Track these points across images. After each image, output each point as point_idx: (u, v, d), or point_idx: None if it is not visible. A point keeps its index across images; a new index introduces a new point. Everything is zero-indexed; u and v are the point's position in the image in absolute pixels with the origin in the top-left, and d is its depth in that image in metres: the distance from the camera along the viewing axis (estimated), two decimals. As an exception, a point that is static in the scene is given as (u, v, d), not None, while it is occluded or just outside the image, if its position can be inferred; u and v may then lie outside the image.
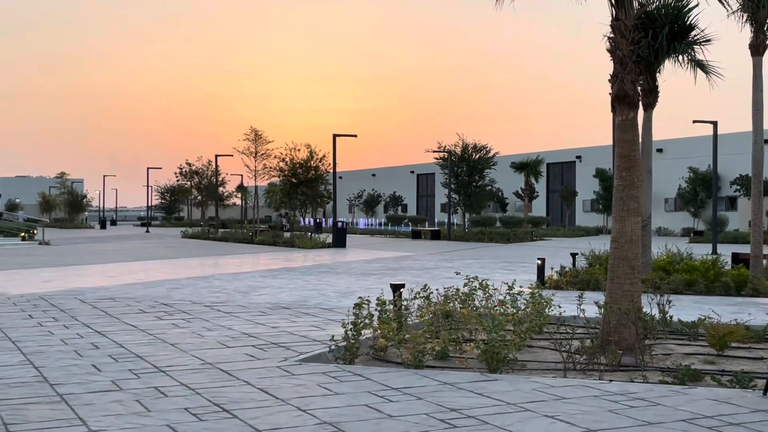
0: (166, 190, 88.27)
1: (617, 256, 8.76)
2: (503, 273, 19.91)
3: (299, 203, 41.05)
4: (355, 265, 23.55)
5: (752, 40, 16.65)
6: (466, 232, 46.40)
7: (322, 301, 13.60)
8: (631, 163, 8.96)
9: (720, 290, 14.92)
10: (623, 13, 9.01)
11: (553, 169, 70.77)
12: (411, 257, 27.76)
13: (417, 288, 10.66)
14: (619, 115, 9.11)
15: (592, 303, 10.17)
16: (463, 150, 48.53)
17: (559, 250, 31.49)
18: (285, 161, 39.81)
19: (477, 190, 49.12)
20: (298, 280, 17.82)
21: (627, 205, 8.87)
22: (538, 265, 16.59)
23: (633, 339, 8.05)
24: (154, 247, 36.37)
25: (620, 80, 9.07)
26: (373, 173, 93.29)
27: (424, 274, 19.48)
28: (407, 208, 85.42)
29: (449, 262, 24.56)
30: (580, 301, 9.10)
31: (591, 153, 65.31)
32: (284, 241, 37.28)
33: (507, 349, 7.57)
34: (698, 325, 9.43)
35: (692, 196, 55.59)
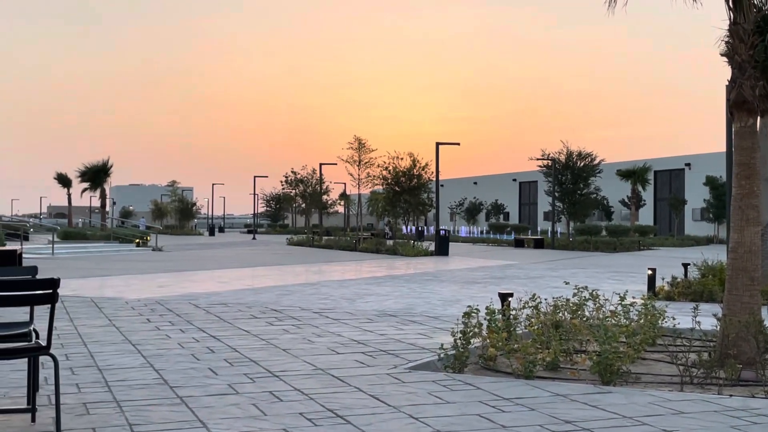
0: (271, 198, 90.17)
1: (736, 266, 8.49)
2: (611, 283, 19.51)
3: (402, 211, 41.24)
4: (458, 273, 23.50)
5: None
6: (571, 241, 45.68)
7: (427, 309, 13.63)
8: (751, 171, 8.68)
9: (844, 304, 14.22)
10: (741, 16, 8.73)
11: (661, 177, 68.96)
12: (515, 266, 27.52)
13: (525, 297, 10.57)
14: (738, 121, 8.84)
15: (707, 315, 9.89)
16: (568, 157, 47.87)
17: (668, 259, 30.66)
18: (388, 169, 40.08)
19: (582, 198, 48.34)
20: (403, 288, 17.91)
21: (746, 214, 8.59)
22: (648, 275, 16.20)
23: (753, 353, 7.79)
24: (261, 253, 37.16)
25: (739, 86, 8.80)
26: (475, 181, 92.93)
27: (529, 283, 19.28)
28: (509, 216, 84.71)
29: (554, 272, 24.22)
30: (696, 313, 8.86)
31: (701, 160, 63.38)
32: (387, 248, 37.52)
33: (621, 361, 7.43)
34: (823, 340, 9.02)
35: (810, 204, 53.18)
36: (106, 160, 56.87)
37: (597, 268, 26.19)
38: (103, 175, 56.55)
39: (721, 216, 54.10)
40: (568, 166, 47.83)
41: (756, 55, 15.72)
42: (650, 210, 68.42)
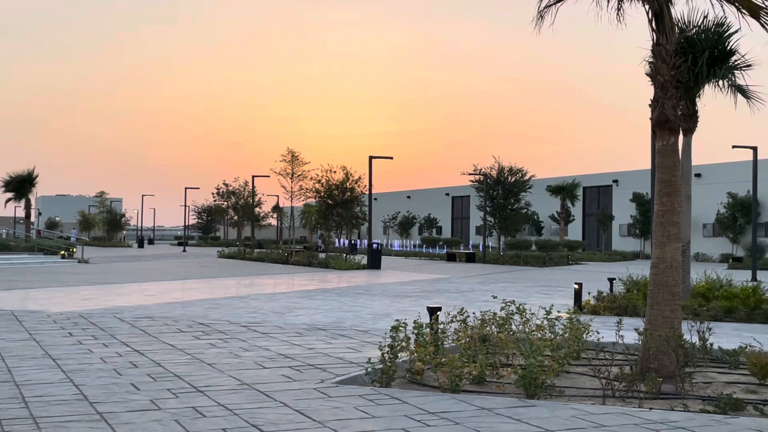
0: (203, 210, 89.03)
1: (657, 282, 8.67)
2: (539, 297, 19.77)
3: (335, 224, 41.17)
4: (390, 287, 23.53)
5: (795, 65, 16.49)
6: (501, 255, 46.17)
7: (357, 322, 13.61)
8: (672, 188, 8.89)
9: (761, 318, 14.68)
10: (664, 38, 8.98)
11: (590, 193, 70.26)
12: (446, 280, 27.68)
13: (453, 311, 10.63)
14: (660, 140, 9.05)
15: (630, 329, 10.08)
16: (499, 173, 48.47)
17: (595, 274, 31.22)
18: (321, 182, 40.01)
19: (512, 213, 48.97)
20: (334, 302, 17.84)
21: (667, 230, 8.79)
22: (575, 289, 16.46)
23: (673, 367, 7.96)
24: (191, 266, 36.65)
25: (661, 105, 9.02)
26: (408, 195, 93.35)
27: (459, 297, 19.40)
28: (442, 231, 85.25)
29: (485, 285, 24.44)
30: (619, 327, 9.02)
31: (628, 177, 64.77)
32: (319, 261, 37.39)
33: (545, 374, 7.51)
34: (739, 354, 9.29)
35: (731, 221, 54.83)
36: (32, 169, 55.44)
37: (526, 283, 26.51)
38: (28, 185, 55.09)
39: (646, 232, 55.40)
40: (500, 181, 48.42)
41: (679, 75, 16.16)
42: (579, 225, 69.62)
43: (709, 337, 10.04)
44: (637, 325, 10.03)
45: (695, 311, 14.25)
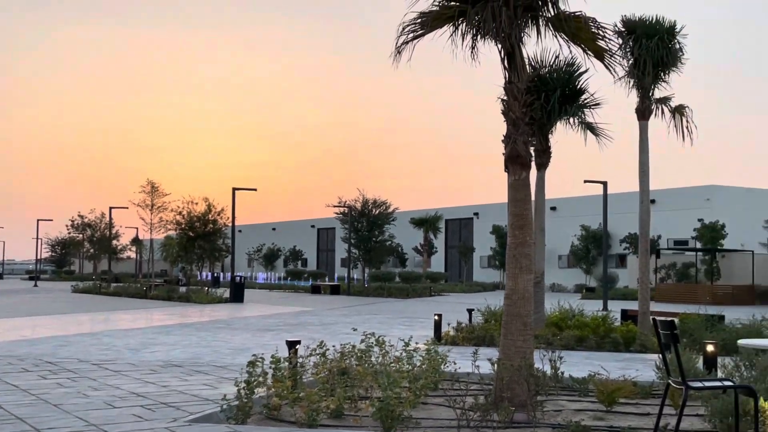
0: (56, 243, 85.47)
1: (510, 312, 8.88)
2: (401, 329, 19.93)
3: (196, 257, 40.35)
4: (252, 320, 23.19)
5: (638, 105, 17.40)
6: (366, 287, 46.42)
7: (216, 358, 13.30)
8: (524, 221, 9.15)
9: (610, 346, 15.30)
10: (516, 76, 9.27)
11: (452, 225, 71.84)
12: (310, 312, 27.53)
13: (314, 344, 10.54)
14: (512, 174, 9.31)
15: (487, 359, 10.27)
16: (364, 205, 48.89)
17: (456, 305, 31.80)
18: (182, 214, 39.19)
19: (377, 245, 49.40)
20: (193, 337, 17.40)
21: (520, 262, 9.03)
22: (435, 320, 16.69)
23: (525, 395, 8.14)
24: (42, 301, 34.99)
25: (513, 141, 9.28)
26: (274, 227, 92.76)
27: (322, 330, 19.32)
28: (307, 263, 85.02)
29: (348, 318, 24.45)
30: (475, 358, 9.17)
31: (488, 210, 66.66)
32: (180, 296, 36.48)
33: (402, 406, 7.53)
34: (588, 381, 9.61)
35: (584, 253, 57.22)
36: None
37: (389, 314, 26.70)
38: None
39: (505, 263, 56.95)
40: (364, 213, 48.81)
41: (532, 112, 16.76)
42: (442, 257, 70.97)
43: (561, 366, 10.35)
44: (493, 355, 10.23)
45: (548, 340, 14.70)
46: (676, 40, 17.01)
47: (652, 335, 16.06)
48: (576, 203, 59.67)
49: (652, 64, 16.65)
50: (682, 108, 17.57)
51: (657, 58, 16.65)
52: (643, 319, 16.98)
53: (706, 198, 53.10)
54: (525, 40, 9.54)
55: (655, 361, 10.98)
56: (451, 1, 9.33)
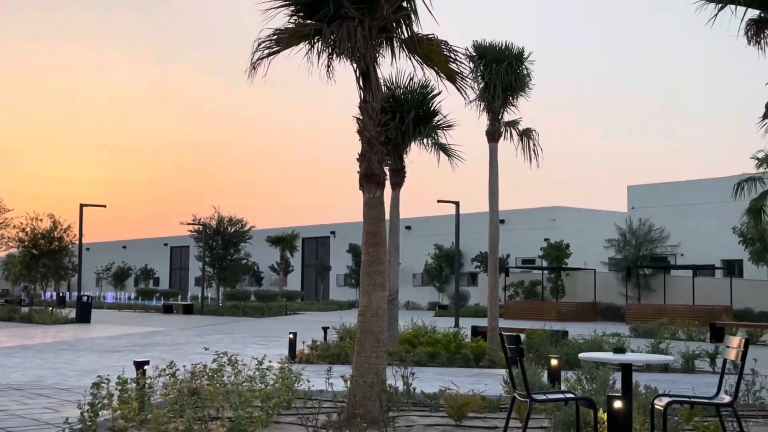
0: None
1: (364, 329, 8.95)
2: (255, 348, 19.70)
3: (40, 276, 38.56)
4: (99, 341, 22.34)
5: (488, 127, 18.00)
6: (220, 306, 45.66)
7: (59, 380, 12.72)
8: (378, 239, 9.27)
9: (461, 362, 15.66)
10: (371, 95, 9.38)
11: (309, 244, 71.80)
12: (161, 332, 26.80)
13: (163, 365, 10.25)
14: (367, 192, 9.42)
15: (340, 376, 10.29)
16: (219, 223, 48.18)
17: (312, 323, 31.72)
18: (25, 231, 37.38)
19: (232, 264, 48.74)
20: (34, 359, 16.59)
21: (374, 279, 9.13)
22: (290, 339, 16.60)
23: (378, 412, 8.21)
24: None
25: (368, 160, 9.38)
26: (124, 245, 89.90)
27: (173, 350, 18.83)
28: (159, 282, 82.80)
29: (201, 337, 23.96)
30: (329, 375, 9.18)
31: (345, 229, 67.05)
32: (22, 316, 34.70)
33: (253, 426, 7.44)
34: (439, 397, 9.80)
35: (438, 271, 58.44)
36: None
37: (244, 333, 26.36)
38: None
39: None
40: (219, 231, 48.09)
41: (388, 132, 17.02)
42: (298, 275, 70.77)
43: (413, 382, 10.49)
44: (347, 372, 10.25)
45: (402, 357, 14.89)
46: (524, 66, 17.73)
47: (501, 351, 16.56)
48: (430, 222, 60.94)
49: (501, 88, 17.28)
50: (530, 131, 18.30)
51: (506, 83, 17.30)
52: (492, 335, 17.49)
53: (552, 219, 55.40)
54: (380, 60, 9.69)
55: (503, 376, 11.31)
56: (307, 20, 9.37)
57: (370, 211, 9.35)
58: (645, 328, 27.47)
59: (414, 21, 9.47)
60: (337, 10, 8.98)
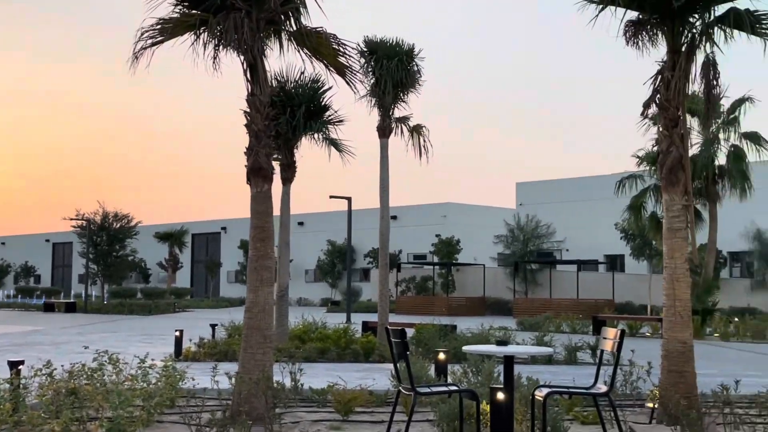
0: None
1: (250, 325, 8.84)
2: (140, 346, 19.20)
3: None
4: (-26, 341, 21.34)
5: (379, 123, 18.06)
6: (105, 304, 44.36)
7: (-73, 383, 12.04)
8: (266, 234, 9.16)
9: (350, 357, 15.67)
10: (258, 88, 9.24)
11: (199, 240, 70.60)
12: (41, 332, 25.81)
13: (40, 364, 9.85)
14: (255, 187, 9.30)
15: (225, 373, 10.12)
16: (104, 218, 46.80)
17: (201, 320, 31.17)
18: None
19: (117, 260, 47.44)
20: None
21: (261, 275, 9.02)
22: (176, 336, 16.26)
23: (263, 409, 8.11)
24: None
25: (255, 153, 9.25)
26: (3, 241, 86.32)
27: (53, 350, 18.16)
28: (41, 279, 79.88)
29: (83, 336, 23.20)
30: (215, 373, 9.01)
31: (236, 225, 66.20)
32: None
33: (134, 425, 7.22)
34: (327, 392, 9.76)
35: (330, 267, 58.41)
36: None
37: (129, 332, 25.68)
38: None
39: (253, 278, 56.65)
40: (104, 227, 46.73)
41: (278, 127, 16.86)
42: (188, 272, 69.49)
43: (302, 378, 10.41)
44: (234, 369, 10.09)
45: (291, 354, 14.79)
46: (415, 63, 17.87)
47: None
48: (323, 218, 60.83)
49: (392, 84, 17.37)
50: (420, 127, 18.46)
51: (397, 79, 17.39)
52: (383, 331, 17.56)
53: (443, 215, 56.18)
54: (268, 53, 9.57)
55: (391, 370, 11.36)
56: (193, 10, 9.16)
57: (258, 205, 9.24)
58: (531, 321, 28.17)
59: (302, 14, 9.40)
60: (224, 0, 8.81)
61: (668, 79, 9.21)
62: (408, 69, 17.66)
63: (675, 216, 9.26)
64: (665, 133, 9.35)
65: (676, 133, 9.31)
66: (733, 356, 18.64)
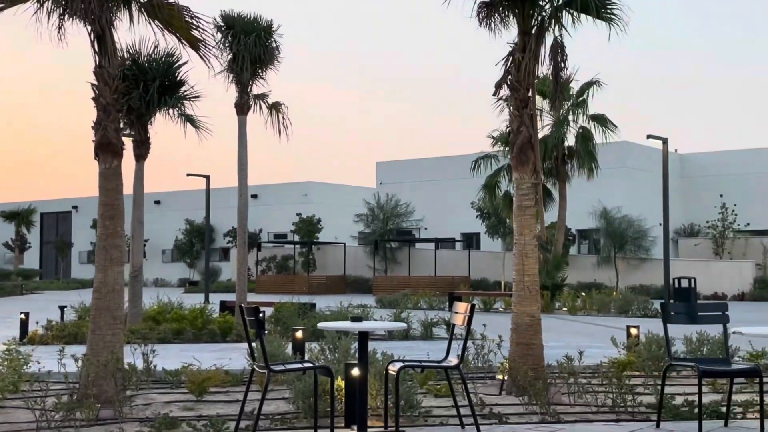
0: None
1: (99, 306, 8.57)
2: (-17, 330, 18.26)
3: None
4: None
5: (237, 99, 17.72)
6: (-55, 288, 41.90)
7: None
8: (115, 212, 8.88)
9: (207, 337, 15.44)
10: (107, 61, 8.88)
11: (48, 219, 67.68)
12: None
13: None
14: (103, 162, 8.97)
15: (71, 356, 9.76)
16: (-57, 196, 44.13)
17: (50, 303, 29.90)
18: None
19: (-41, 241, 44.90)
20: None
21: (110, 254, 8.74)
22: (21, 319, 15.57)
23: (113, 391, 7.88)
24: None
25: (103, 128, 8.90)
26: None
27: None
28: None
29: None
30: (61, 356, 8.67)
31: (88, 203, 63.73)
32: None
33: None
34: (181, 373, 9.58)
35: (189, 247, 57.27)
36: None
37: (-29, 316, 24.36)
38: None
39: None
40: (-56, 205, 44.10)
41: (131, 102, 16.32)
42: (36, 253, 66.52)
43: (155, 359, 10.17)
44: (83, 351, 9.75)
45: (145, 335, 14.42)
46: (274, 39, 17.63)
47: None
48: (181, 197, 59.47)
49: (250, 60, 17.08)
50: (279, 105, 18.26)
51: (255, 55, 17.11)
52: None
53: (305, 194, 56.05)
54: (118, 24, 9.21)
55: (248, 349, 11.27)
56: (36, -24, 8.70)
57: (107, 182, 8.93)
58: (390, 298, 28.59)
59: (154, -16, 9.08)
60: (69, -33, 8.41)
61: (519, 60, 9.47)
62: (266, 45, 17.40)
63: (524, 194, 9.57)
64: (516, 113, 9.62)
65: (526, 114, 9.60)
66: (579, 329, 19.52)
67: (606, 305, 25.68)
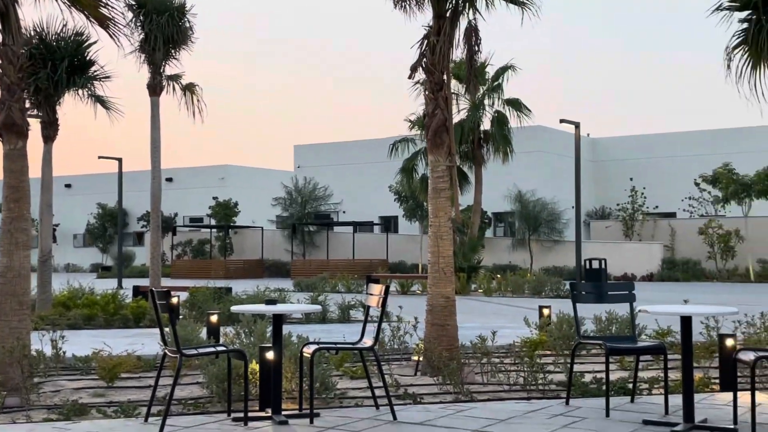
0: None
1: (5, 291, 8.29)
2: None
3: None
4: None
5: (150, 80, 17.42)
6: None
7: None
8: (21, 194, 8.60)
9: (120, 323, 15.13)
10: (11, 38, 8.58)
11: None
12: None
13: None
14: (8, 144, 8.68)
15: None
16: None
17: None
18: None
19: None
20: None
21: (15, 238, 8.47)
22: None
23: (19, 379, 7.66)
24: None
25: (8, 108, 8.60)
26: None
27: None
28: None
29: None
30: (-36, 344, 8.38)
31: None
32: None
33: None
34: (91, 359, 9.37)
35: (101, 231, 56.03)
36: None
37: None
38: None
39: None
40: None
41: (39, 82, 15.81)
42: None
43: (65, 345, 9.92)
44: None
45: (54, 321, 14.05)
46: (187, 19, 17.35)
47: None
48: (93, 180, 58.07)
49: (162, 40, 16.77)
50: (193, 86, 18.02)
51: (167, 35, 16.82)
52: (155, 295, 17.10)
53: (221, 177, 55.38)
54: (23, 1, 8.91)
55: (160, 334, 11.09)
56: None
57: (12, 163, 8.64)
58: (308, 282, 28.50)
59: (59, -41, 8.81)
60: (-32, -61, 8.08)
61: (434, 43, 9.52)
62: (179, 25, 17.13)
63: (439, 177, 9.65)
64: (431, 96, 9.67)
65: (441, 97, 9.66)
66: (493, 309, 19.85)
67: (520, 287, 26.16)
